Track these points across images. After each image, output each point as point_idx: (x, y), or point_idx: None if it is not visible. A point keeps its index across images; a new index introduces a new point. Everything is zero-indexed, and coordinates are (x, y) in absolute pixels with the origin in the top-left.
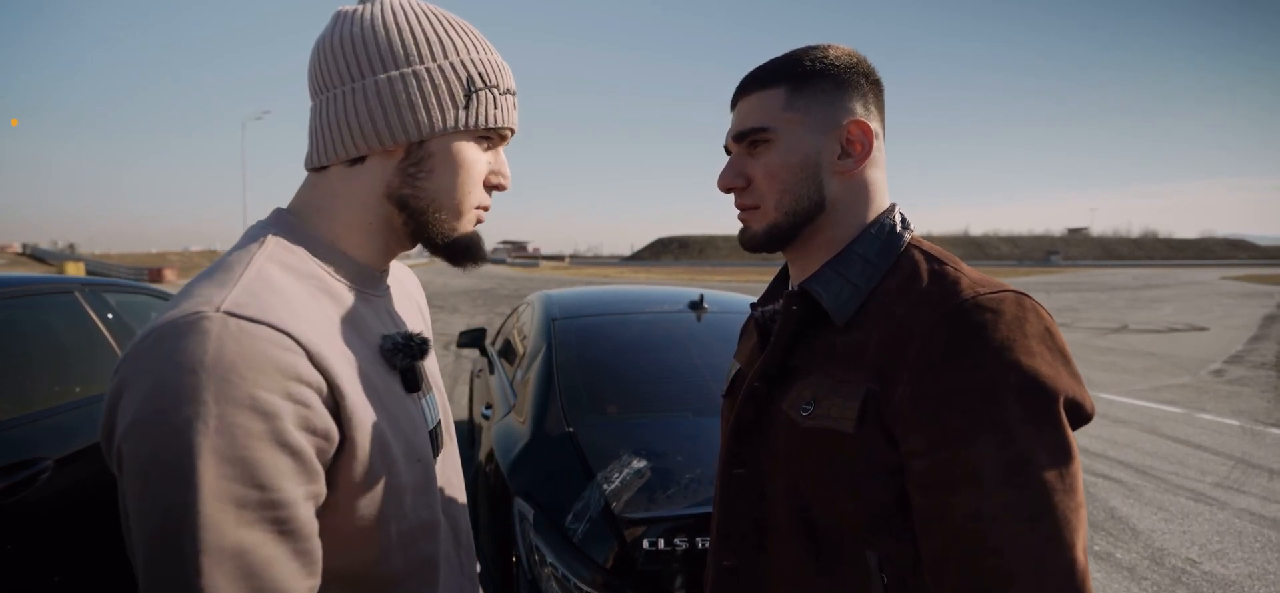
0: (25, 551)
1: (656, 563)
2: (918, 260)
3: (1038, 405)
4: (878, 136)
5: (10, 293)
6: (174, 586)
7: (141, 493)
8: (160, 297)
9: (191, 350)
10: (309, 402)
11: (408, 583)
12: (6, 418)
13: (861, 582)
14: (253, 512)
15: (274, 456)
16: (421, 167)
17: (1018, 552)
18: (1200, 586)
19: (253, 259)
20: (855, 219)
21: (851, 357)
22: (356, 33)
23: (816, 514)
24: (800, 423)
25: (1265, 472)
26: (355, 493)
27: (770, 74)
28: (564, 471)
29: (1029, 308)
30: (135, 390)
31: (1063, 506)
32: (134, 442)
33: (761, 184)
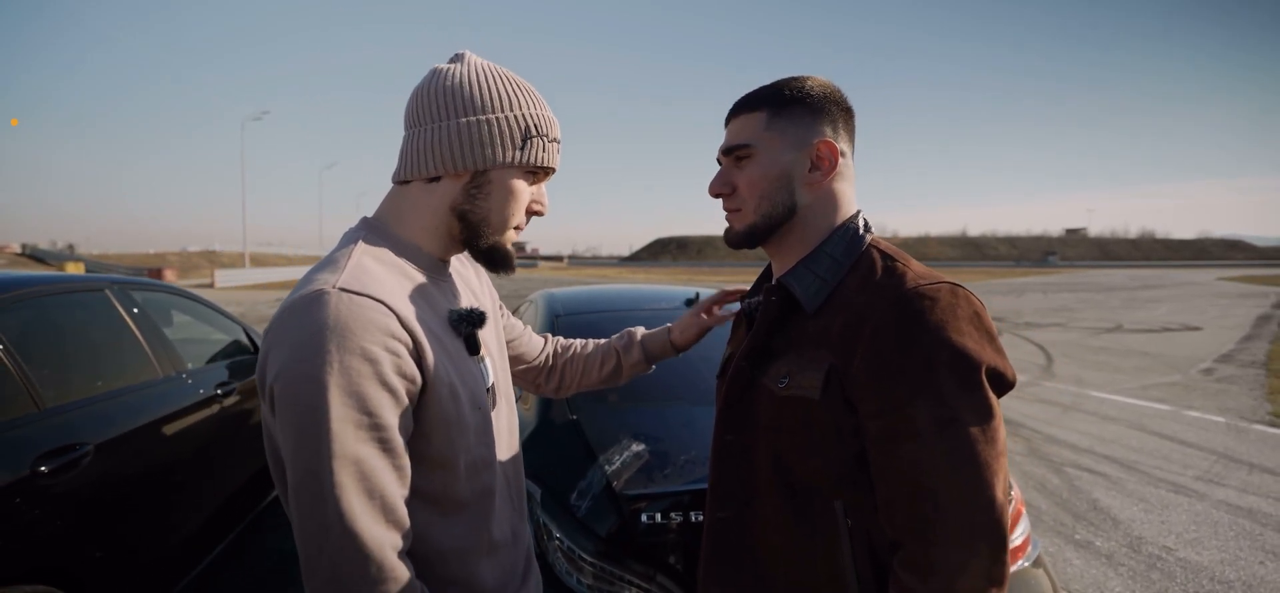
0: (70, 527)
1: (654, 535)
2: (875, 258)
3: (964, 374)
4: (845, 155)
5: (50, 290)
6: (313, 480)
7: (290, 420)
8: (180, 294)
9: (319, 316)
10: (401, 353)
11: (472, 506)
12: (52, 405)
13: (831, 527)
14: (365, 431)
15: (378, 391)
16: (481, 190)
17: (948, 490)
18: (1174, 571)
19: (352, 254)
20: (824, 223)
21: (819, 338)
22: (447, 85)
23: (793, 472)
24: (778, 394)
25: (1245, 466)
26: (433, 428)
27: (755, 100)
28: (568, 454)
29: (961, 296)
30: (280, 347)
31: (984, 454)
32: (283, 383)
33: (744, 191)
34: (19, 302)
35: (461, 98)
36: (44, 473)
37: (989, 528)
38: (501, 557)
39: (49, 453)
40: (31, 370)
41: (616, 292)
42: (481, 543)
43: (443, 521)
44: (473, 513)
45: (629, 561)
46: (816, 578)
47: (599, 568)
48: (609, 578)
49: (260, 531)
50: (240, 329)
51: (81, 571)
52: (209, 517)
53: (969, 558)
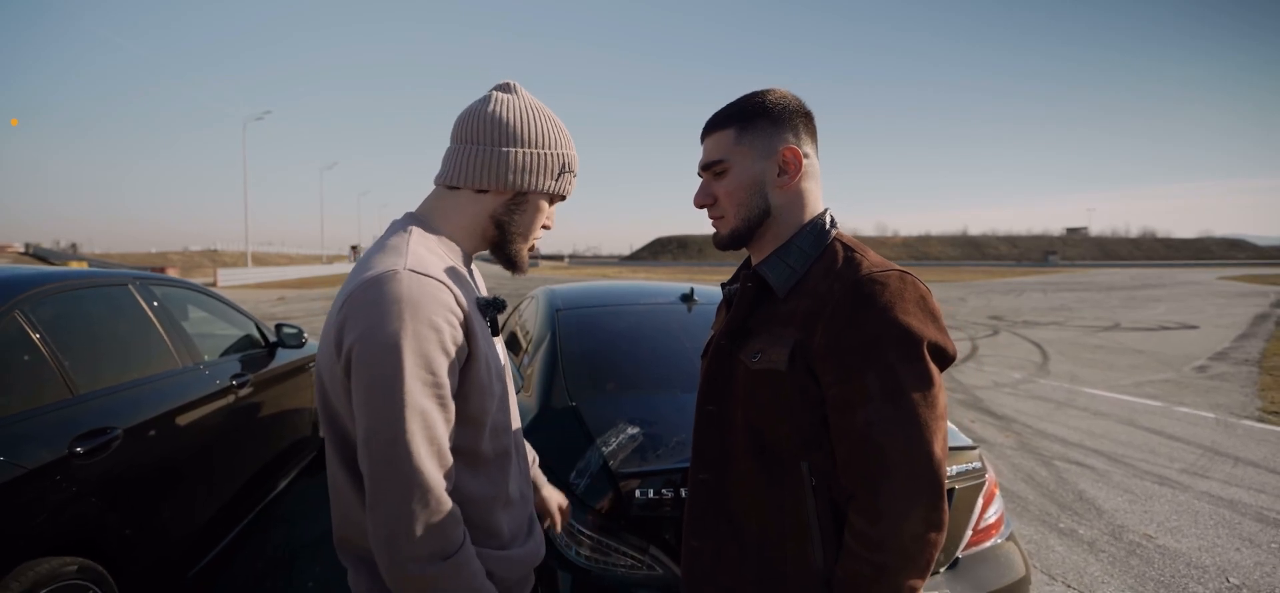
0: (103, 505)
1: (647, 510)
2: (838, 250)
3: (908, 348)
4: (808, 156)
5: (78, 284)
6: (387, 427)
7: (368, 377)
8: (195, 289)
9: (394, 290)
10: (456, 325)
11: (493, 463)
12: (85, 391)
13: (798, 485)
14: (429, 388)
15: (440, 355)
16: (518, 206)
17: (894, 447)
18: (1152, 557)
19: (409, 241)
20: (795, 219)
21: (787, 319)
22: (504, 116)
23: (764, 436)
24: (751, 368)
25: (1231, 459)
26: (471, 391)
27: (724, 118)
28: (568, 436)
29: (908, 282)
30: (358, 318)
31: (925, 416)
32: (362, 346)
33: (724, 201)
34: (51, 295)
35: (517, 131)
36: (79, 454)
37: (929, 479)
38: (515, 511)
39: (83, 435)
40: (65, 358)
41: (615, 287)
42: (500, 496)
43: (470, 473)
44: (494, 469)
45: (624, 534)
46: (785, 529)
47: (596, 541)
48: (605, 550)
49: (270, 520)
50: (252, 324)
51: (113, 546)
52: (226, 501)
53: (912, 505)
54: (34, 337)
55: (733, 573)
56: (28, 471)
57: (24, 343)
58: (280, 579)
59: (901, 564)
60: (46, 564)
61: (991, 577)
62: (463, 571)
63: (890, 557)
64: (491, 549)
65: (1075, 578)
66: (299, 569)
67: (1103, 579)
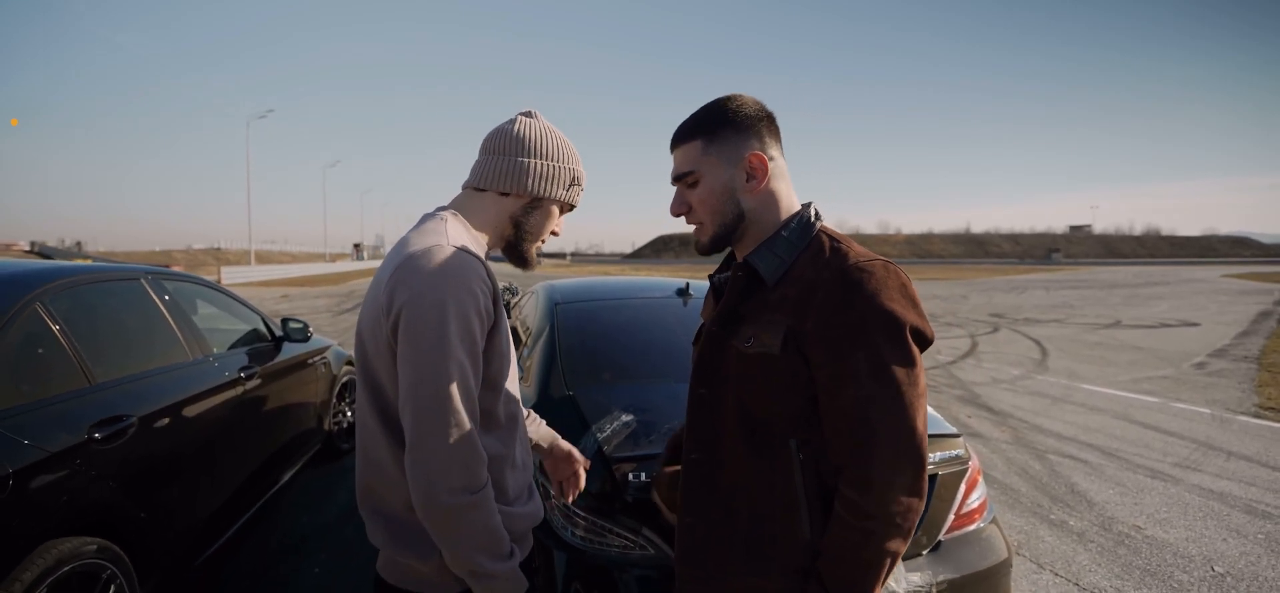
0: (119, 489)
1: (640, 492)
2: (824, 241)
3: (893, 332)
4: (774, 159)
5: (94, 278)
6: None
7: (417, 332)
8: (204, 284)
9: (440, 261)
10: (487, 296)
11: (505, 426)
12: (103, 381)
13: (786, 462)
14: (467, 345)
15: (475, 319)
16: (534, 210)
17: (880, 422)
18: (1140, 547)
19: (448, 226)
20: (771, 218)
21: (778, 306)
22: (528, 134)
23: (755, 416)
24: (744, 352)
25: (1224, 453)
26: (493, 354)
27: (690, 130)
28: (565, 423)
29: (892, 270)
30: (408, 283)
31: (908, 393)
32: (412, 307)
33: (698, 210)
34: (69, 288)
35: (536, 146)
36: (98, 439)
37: (913, 451)
38: (519, 475)
39: (101, 422)
40: (83, 349)
41: (612, 282)
42: (509, 457)
43: (487, 433)
44: (506, 431)
45: (618, 515)
46: (774, 503)
47: (591, 522)
48: (600, 531)
49: (276, 509)
50: (259, 318)
51: (129, 528)
52: (234, 490)
53: (897, 475)
54: (54, 328)
55: (724, 546)
56: (51, 454)
57: (45, 334)
58: (287, 566)
59: (887, 530)
60: (69, 543)
61: (973, 559)
62: (485, 505)
63: (877, 524)
64: (501, 504)
65: (1063, 567)
66: (305, 556)
67: (1090, 568)
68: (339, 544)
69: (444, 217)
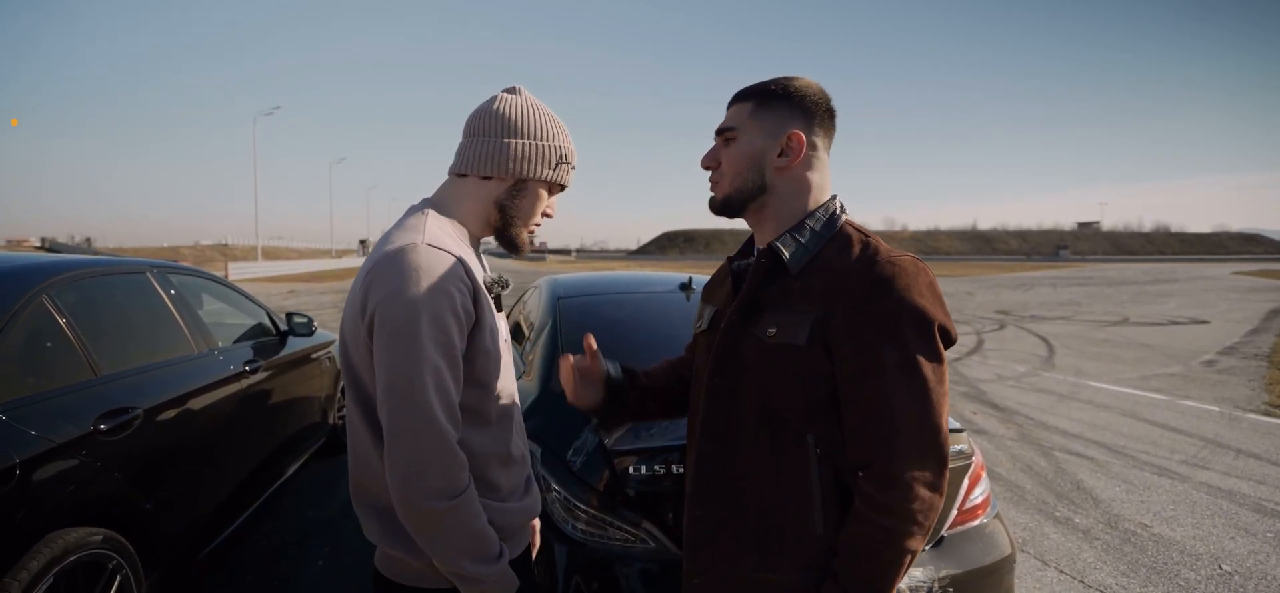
0: (125, 480)
1: (640, 485)
2: (851, 234)
3: (921, 327)
4: (816, 148)
5: (99, 271)
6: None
7: (389, 334)
8: (210, 278)
9: (413, 260)
10: (465, 294)
11: (496, 424)
12: (108, 373)
13: (803, 455)
14: (441, 347)
15: (450, 319)
16: (519, 192)
17: (905, 417)
18: (1146, 545)
19: (426, 221)
20: (795, 204)
21: (804, 295)
22: (508, 112)
23: (774, 408)
24: (766, 342)
25: (1232, 451)
26: (476, 354)
27: (748, 92)
28: (566, 417)
29: (921, 268)
30: (381, 283)
31: (935, 391)
32: (385, 308)
33: (725, 166)
34: (75, 281)
35: (517, 123)
36: (103, 431)
37: (937, 448)
38: (513, 471)
39: (106, 414)
40: (88, 341)
41: (615, 277)
42: (500, 454)
43: (476, 431)
44: (497, 429)
45: (619, 509)
46: (787, 497)
47: (592, 516)
48: (601, 524)
49: (280, 502)
50: (263, 313)
51: (134, 520)
52: (239, 482)
53: (920, 471)
54: (60, 321)
55: (734, 539)
56: (57, 445)
57: (51, 326)
58: (291, 559)
59: (908, 528)
60: (74, 534)
61: (976, 555)
62: (465, 510)
63: (899, 521)
64: (491, 501)
65: (1068, 564)
66: (309, 549)
67: (1095, 565)
68: (343, 538)
69: (425, 212)
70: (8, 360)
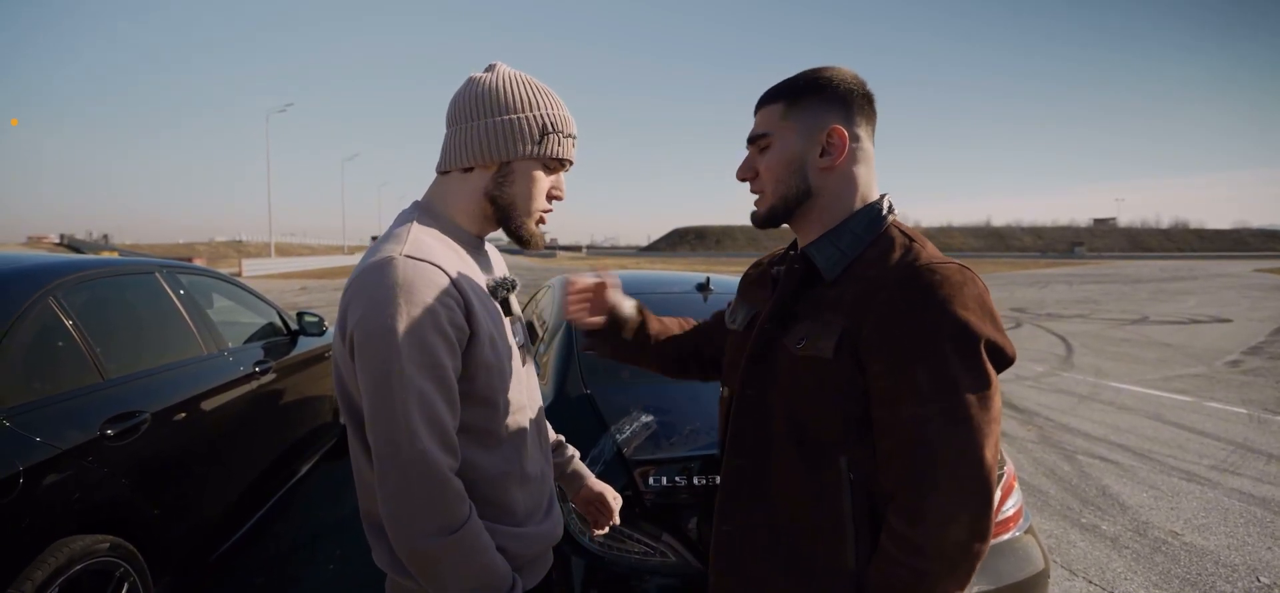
0: (133, 486)
1: (661, 497)
2: (895, 237)
3: (965, 345)
4: (858, 140)
5: (107, 272)
6: (386, 407)
7: (368, 358)
8: (219, 278)
9: (391, 276)
10: (453, 308)
11: (508, 442)
12: (115, 376)
13: (836, 478)
14: (426, 369)
15: (436, 338)
16: (507, 178)
17: (943, 445)
18: (1178, 554)
19: (411, 230)
20: (842, 204)
21: (834, 304)
22: (479, 91)
23: (805, 426)
24: (795, 353)
25: (1264, 456)
26: (477, 370)
27: (776, 92)
28: (583, 424)
29: (969, 277)
30: (360, 301)
31: (978, 416)
32: (362, 330)
33: (764, 176)
34: (81, 282)
35: (490, 101)
36: (110, 436)
37: (978, 485)
38: (531, 489)
39: (113, 418)
40: (95, 344)
41: (631, 276)
42: (515, 473)
43: (485, 451)
44: (509, 448)
45: (638, 521)
46: (820, 523)
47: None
48: (619, 537)
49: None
50: (274, 312)
51: (142, 526)
52: (249, 485)
53: (957, 511)
54: (66, 323)
55: (762, 561)
56: (62, 451)
57: (57, 329)
58: (302, 561)
59: (941, 572)
60: (81, 541)
61: (1009, 570)
62: (467, 545)
63: (930, 562)
64: (506, 526)
65: (1097, 574)
66: (320, 551)
67: (1125, 575)
68: (354, 540)
69: (412, 218)
70: (13, 364)
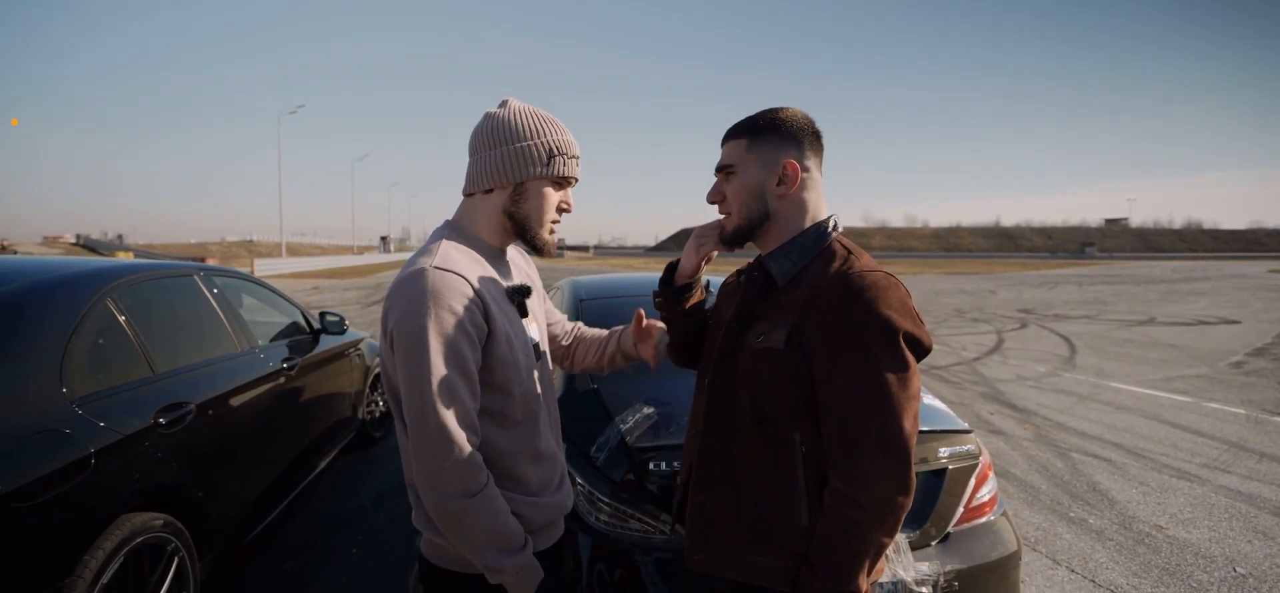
0: (180, 469)
1: (660, 480)
2: (837, 250)
3: (887, 338)
4: (809, 171)
5: (153, 275)
6: (418, 392)
7: (404, 353)
8: (246, 278)
9: (422, 284)
10: (474, 310)
11: (523, 424)
12: (164, 370)
13: (790, 452)
14: (452, 362)
15: (460, 336)
16: (522, 197)
17: (869, 419)
18: (1160, 546)
19: (441, 245)
20: (794, 224)
21: (786, 306)
22: (494, 125)
23: (764, 408)
24: (755, 347)
25: (1256, 454)
26: (495, 364)
27: (740, 129)
28: (590, 415)
29: (892, 282)
30: (398, 305)
31: (898, 394)
32: (400, 329)
33: (731, 200)
34: (133, 284)
35: (504, 132)
36: (162, 424)
37: (899, 449)
38: (543, 466)
39: (164, 408)
40: (146, 340)
41: (633, 278)
42: (528, 451)
43: (502, 431)
44: (524, 429)
45: (640, 502)
46: (778, 490)
47: (614, 508)
48: (622, 516)
49: (315, 493)
50: (298, 311)
51: (189, 506)
52: (279, 473)
53: (881, 469)
54: (121, 320)
55: (730, 524)
56: (124, 436)
57: (114, 326)
58: (327, 545)
59: (871, 521)
60: (140, 518)
61: (982, 551)
62: (485, 507)
63: (862, 514)
64: (521, 495)
65: (1080, 564)
66: (342, 539)
67: (1107, 565)
68: (375, 529)
69: (443, 235)
70: (79, 358)
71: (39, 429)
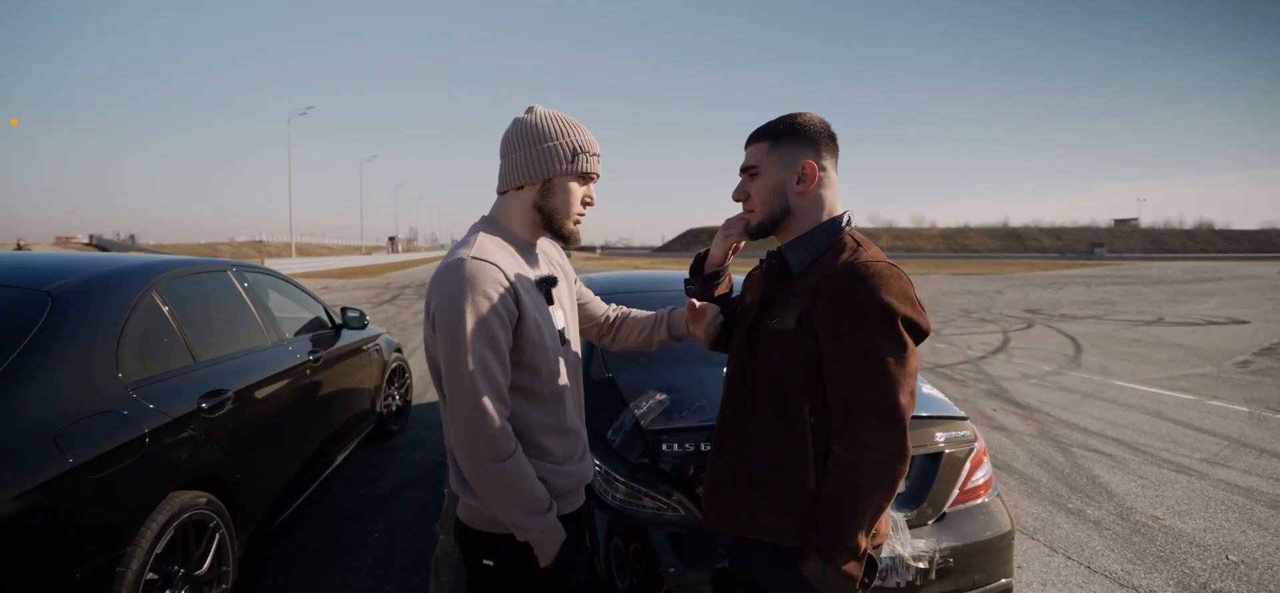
0: (221, 452)
1: (673, 461)
2: (847, 242)
3: (886, 321)
4: (826, 170)
5: (192, 271)
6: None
7: (445, 332)
8: (273, 274)
9: (461, 272)
10: (507, 296)
11: (549, 400)
12: (204, 359)
13: (800, 424)
14: (486, 341)
15: (494, 317)
16: (549, 191)
17: (868, 392)
18: (1155, 536)
19: (478, 237)
20: (812, 218)
21: (800, 291)
22: (523, 128)
23: (778, 383)
24: (771, 328)
25: (1256, 450)
26: (525, 344)
27: (762, 132)
28: (606, 401)
29: (895, 272)
30: (440, 290)
31: (895, 371)
32: (442, 311)
33: (754, 198)
34: (175, 278)
35: (532, 134)
36: (205, 409)
37: (895, 418)
38: (567, 439)
39: (207, 394)
40: (188, 331)
41: (645, 276)
42: (554, 425)
43: (530, 406)
44: (550, 404)
45: (654, 482)
46: (789, 458)
47: (629, 487)
48: (637, 495)
49: (336, 482)
50: (320, 307)
51: (228, 487)
52: (306, 460)
53: (879, 437)
54: (165, 311)
55: (745, 485)
56: (172, 419)
57: (160, 317)
58: (350, 531)
59: (870, 484)
60: (187, 495)
61: (976, 530)
62: (514, 472)
63: (862, 477)
64: (547, 463)
65: (1076, 552)
66: (365, 524)
67: (1103, 553)
68: (396, 515)
69: (479, 230)
70: (132, 346)
71: (101, 410)
